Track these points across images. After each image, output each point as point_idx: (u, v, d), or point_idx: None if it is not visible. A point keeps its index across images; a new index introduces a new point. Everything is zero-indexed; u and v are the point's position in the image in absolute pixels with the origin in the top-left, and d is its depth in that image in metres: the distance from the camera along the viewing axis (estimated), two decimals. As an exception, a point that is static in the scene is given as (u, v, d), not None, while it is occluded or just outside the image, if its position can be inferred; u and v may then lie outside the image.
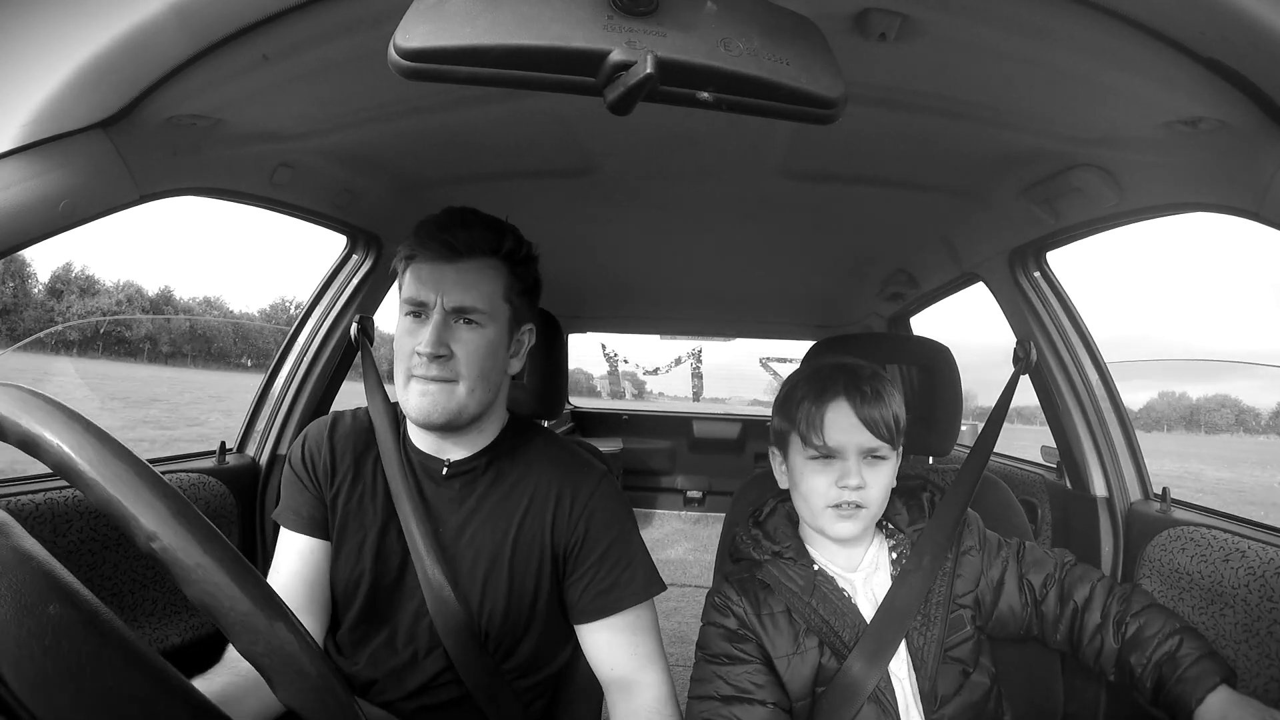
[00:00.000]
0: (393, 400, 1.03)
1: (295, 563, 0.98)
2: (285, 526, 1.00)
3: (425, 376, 0.89)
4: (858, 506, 0.92)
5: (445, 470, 0.97)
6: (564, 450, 1.03)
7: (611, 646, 0.95)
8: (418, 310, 0.91)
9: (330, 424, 1.04)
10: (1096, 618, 0.91)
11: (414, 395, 0.90)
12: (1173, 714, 0.82)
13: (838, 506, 0.92)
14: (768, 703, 0.90)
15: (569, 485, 0.98)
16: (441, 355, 0.89)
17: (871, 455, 0.92)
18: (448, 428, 0.92)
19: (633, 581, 0.96)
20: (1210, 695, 0.79)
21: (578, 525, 0.96)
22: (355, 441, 1.02)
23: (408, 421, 0.99)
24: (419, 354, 0.89)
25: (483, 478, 0.98)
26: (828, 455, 0.92)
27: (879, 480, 0.93)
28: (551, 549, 0.97)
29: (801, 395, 0.95)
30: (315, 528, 0.98)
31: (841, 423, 0.91)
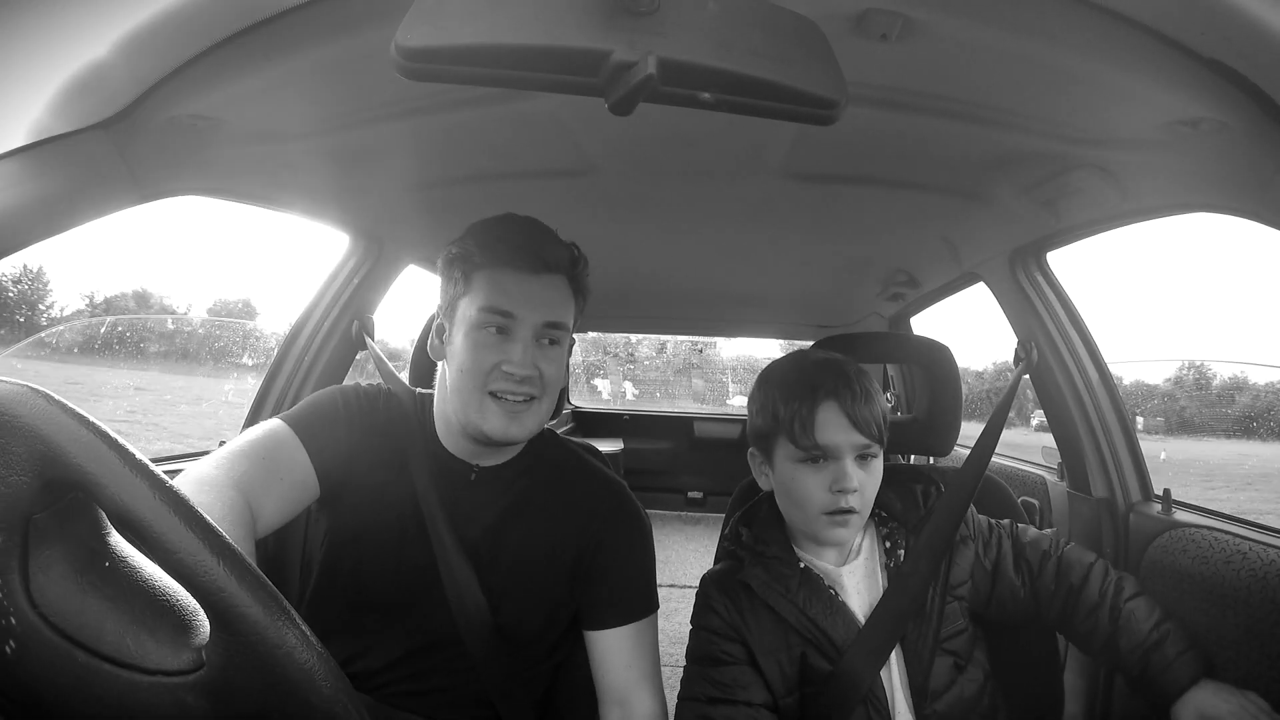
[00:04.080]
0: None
1: (273, 483, 0.85)
2: (305, 444, 0.89)
3: (513, 396, 0.89)
4: (852, 512, 0.90)
5: (473, 475, 0.97)
6: (588, 463, 1.06)
7: (609, 655, 0.98)
8: (502, 325, 0.89)
9: (385, 398, 1.00)
10: (1093, 597, 0.92)
11: (496, 415, 0.89)
12: (1159, 700, 0.86)
13: (832, 514, 0.89)
14: (752, 703, 0.90)
15: (594, 498, 1.01)
16: (531, 375, 0.89)
17: (864, 454, 0.91)
18: (519, 443, 0.93)
19: (636, 599, 1.00)
20: (1194, 688, 0.84)
21: (598, 536, 1.00)
22: (393, 427, 0.98)
23: (436, 422, 0.99)
24: (509, 373, 0.88)
25: (515, 484, 0.99)
26: (820, 457, 0.90)
27: (871, 480, 0.92)
28: (575, 558, 0.99)
29: (787, 394, 0.92)
30: (321, 474, 0.90)
31: (834, 422, 0.89)
